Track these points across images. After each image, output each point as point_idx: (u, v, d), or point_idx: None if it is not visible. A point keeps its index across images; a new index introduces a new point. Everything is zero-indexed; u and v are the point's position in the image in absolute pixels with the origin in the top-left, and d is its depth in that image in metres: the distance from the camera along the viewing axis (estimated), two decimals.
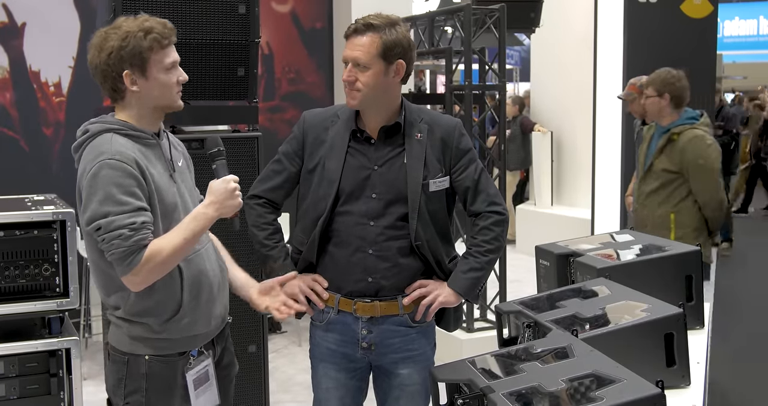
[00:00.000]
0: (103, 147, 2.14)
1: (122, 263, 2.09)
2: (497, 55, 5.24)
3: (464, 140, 2.54)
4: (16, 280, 2.71)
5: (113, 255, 2.09)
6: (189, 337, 2.28)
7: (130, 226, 2.08)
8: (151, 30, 2.15)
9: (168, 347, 2.26)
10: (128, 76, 2.16)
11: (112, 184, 2.09)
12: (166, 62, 2.19)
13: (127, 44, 2.13)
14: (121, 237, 2.07)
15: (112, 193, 2.08)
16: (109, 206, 2.08)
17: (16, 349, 2.73)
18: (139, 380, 2.26)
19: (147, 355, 2.25)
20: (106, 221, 2.08)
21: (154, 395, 2.26)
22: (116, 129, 2.19)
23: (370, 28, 2.38)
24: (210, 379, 2.35)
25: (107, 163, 2.10)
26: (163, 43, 2.17)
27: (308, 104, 6.45)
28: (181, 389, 2.28)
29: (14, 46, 5.60)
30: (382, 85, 2.41)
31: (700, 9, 7.06)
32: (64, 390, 2.77)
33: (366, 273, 2.46)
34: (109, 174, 2.09)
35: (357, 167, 2.46)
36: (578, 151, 8.45)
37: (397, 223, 2.45)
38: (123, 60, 2.14)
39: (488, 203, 2.53)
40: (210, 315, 2.32)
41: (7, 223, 2.68)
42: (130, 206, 2.09)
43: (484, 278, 2.57)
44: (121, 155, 2.12)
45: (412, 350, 2.54)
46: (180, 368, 2.28)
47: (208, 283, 2.31)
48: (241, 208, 2.25)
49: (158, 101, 2.22)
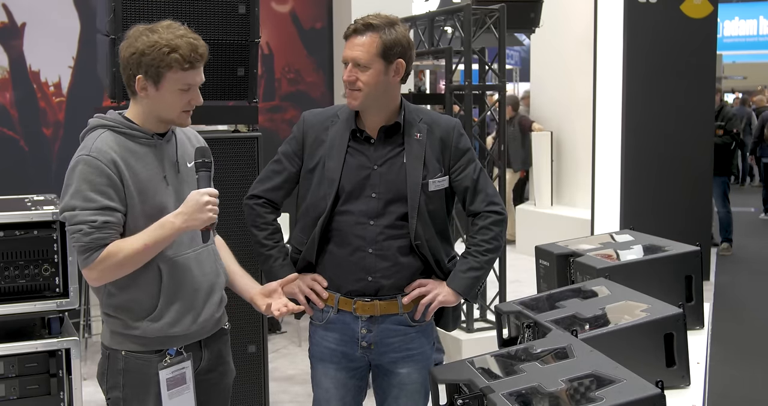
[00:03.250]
0: (87, 142, 2.20)
1: (80, 257, 2.18)
2: (497, 55, 5.24)
3: (463, 140, 2.55)
4: (16, 280, 2.71)
5: (74, 248, 2.20)
6: (165, 337, 2.28)
7: (90, 223, 2.13)
8: (176, 49, 2.15)
9: (143, 344, 2.28)
10: (140, 81, 2.18)
11: (84, 180, 2.14)
12: (181, 83, 2.19)
13: (150, 53, 2.15)
14: (81, 232, 2.14)
15: (81, 189, 2.14)
16: (76, 200, 2.14)
17: (16, 349, 2.72)
18: (117, 376, 2.29)
19: (124, 350, 2.28)
20: (71, 214, 2.15)
21: (130, 391, 2.29)
22: (111, 126, 2.22)
23: (370, 28, 2.39)
24: (187, 383, 2.33)
25: (83, 159, 2.16)
26: (183, 66, 2.16)
27: (308, 104, 6.46)
28: (156, 387, 2.28)
29: (14, 46, 5.60)
30: (382, 85, 2.41)
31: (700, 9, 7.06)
32: (64, 390, 2.77)
33: (365, 272, 2.46)
34: (83, 170, 2.15)
35: (357, 167, 2.46)
36: (578, 151, 8.45)
37: (396, 222, 2.46)
38: (140, 66, 2.17)
39: (487, 203, 2.53)
40: (193, 318, 2.31)
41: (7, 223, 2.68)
42: (96, 203, 2.14)
43: (483, 278, 2.57)
44: (99, 153, 2.16)
45: (412, 350, 2.54)
46: (154, 365, 2.28)
47: (192, 287, 2.30)
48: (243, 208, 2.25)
49: (160, 113, 2.24)
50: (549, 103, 9.03)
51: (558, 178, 8.83)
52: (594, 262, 2.45)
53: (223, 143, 3.52)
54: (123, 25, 3.18)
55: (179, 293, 2.27)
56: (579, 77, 8.09)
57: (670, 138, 6.95)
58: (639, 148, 6.90)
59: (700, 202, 7.18)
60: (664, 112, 6.92)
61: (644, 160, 6.91)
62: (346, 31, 2.43)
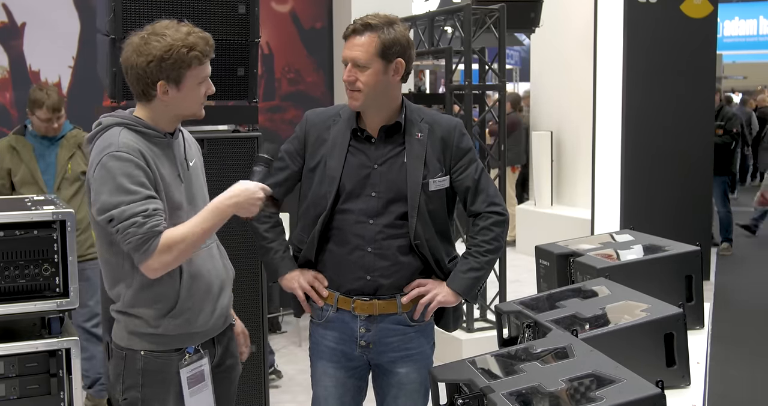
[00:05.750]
0: (111, 140, 2.17)
1: (139, 250, 2.12)
2: (497, 55, 5.24)
3: (464, 140, 2.55)
4: (16, 280, 2.70)
5: (130, 244, 2.12)
6: (185, 334, 2.29)
7: (142, 213, 2.11)
8: (194, 46, 2.18)
9: (164, 343, 2.28)
10: (162, 86, 2.19)
11: (121, 175, 2.12)
12: (200, 77, 2.23)
13: (170, 57, 2.16)
14: (135, 225, 2.10)
15: (121, 183, 2.12)
16: (119, 196, 2.11)
17: (16, 349, 2.72)
18: (136, 376, 2.28)
19: (143, 350, 2.28)
20: (118, 211, 2.11)
21: (149, 391, 2.28)
22: (127, 124, 2.22)
23: (368, 28, 2.39)
24: (205, 380, 2.35)
25: (114, 155, 2.14)
26: (203, 61, 2.22)
27: (308, 104, 6.46)
28: (177, 386, 2.29)
29: (14, 46, 5.61)
30: (382, 85, 2.42)
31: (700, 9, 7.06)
32: (64, 390, 2.77)
33: (364, 271, 2.47)
34: (117, 165, 2.13)
35: (357, 166, 2.47)
36: (578, 151, 8.45)
37: (396, 222, 2.46)
38: (161, 71, 2.17)
39: (488, 204, 2.53)
40: (209, 314, 2.33)
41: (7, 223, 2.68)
42: (140, 194, 2.12)
43: (484, 278, 2.57)
44: (128, 147, 2.16)
45: (411, 349, 2.55)
46: (175, 364, 2.29)
47: (207, 282, 2.32)
48: None
49: (183, 110, 2.28)
50: (549, 103, 9.03)
51: (558, 178, 8.83)
52: (594, 262, 2.45)
53: (223, 143, 3.52)
54: (123, 25, 3.18)
55: (196, 288, 2.28)
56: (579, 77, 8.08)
57: (670, 138, 6.95)
58: (639, 148, 6.90)
59: (700, 202, 7.18)
60: (664, 111, 6.92)
61: (644, 160, 6.91)
62: (345, 31, 2.44)
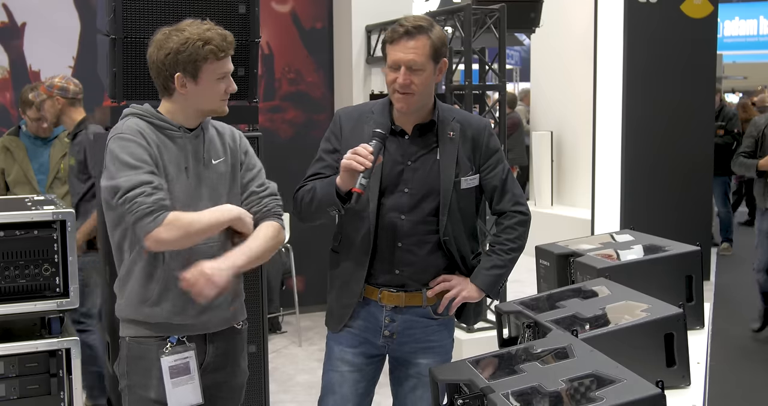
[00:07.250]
0: (119, 127, 2.29)
1: (146, 219, 2.15)
2: (497, 55, 5.24)
3: (493, 140, 2.61)
4: (16, 280, 2.71)
5: (137, 214, 2.16)
6: (168, 324, 2.32)
7: (149, 183, 2.17)
8: (210, 40, 2.25)
9: (147, 329, 2.31)
10: (179, 78, 2.26)
11: (125, 153, 2.20)
12: (218, 72, 2.29)
13: (185, 50, 2.23)
14: (143, 194, 2.15)
15: (125, 160, 2.19)
16: (125, 170, 2.18)
17: (16, 349, 2.72)
18: (123, 364, 2.35)
19: (128, 337, 2.34)
20: (124, 179, 2.17)
21: (134, 378, 2.33)
22: (140, 114, 2.31)
23: (421, 30, 2.40)
24: (191, 373, 2.34)
25: (118, 137, 2.24)
26: (219, 56, 2.27)
27: (308, 104, 6.47)
28: (159, 373, 2.30)
29: (14, 46, 5.61)
30: (431, 86, 2.47)
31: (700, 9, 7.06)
32: (64, 390, 2.77)
33: (393, 265, 2.51)
34: (120, 145, 2.22)
35: (391, 162, 2.50)
36: (578, 151, 8.46)
37: (427, 218, 2.50)
38: (178, 63, 2.24)
39: (514, 203, 2.59)
40: (199, 310, 2.32)
41: (7, 223, 2.68)
42: (143, 168, 2.19)
43: (506, 276, 2.62)
44: (130, 130, 2.25)
45: (432, 341, 2.60)
46: (155, 351, 2.31)
47: None
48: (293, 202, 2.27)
49: (202, 105, 2.32)
50: (549, 103, 9.03)
51: (558, 178, 8.84)
52: (594, 262, 2.45)
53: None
54: (123, 25, 3.18)
55: (178, 283, 2.26)
56: (579, 77, 8.09)
57: (670, 138, 6.95)
58: (639, 148, 6.90)
59: (700, 202, 7.18)
60: (664, 112, 6.92)
61: (644, 160, 6.91)
62: (391, 34, 2.42)
